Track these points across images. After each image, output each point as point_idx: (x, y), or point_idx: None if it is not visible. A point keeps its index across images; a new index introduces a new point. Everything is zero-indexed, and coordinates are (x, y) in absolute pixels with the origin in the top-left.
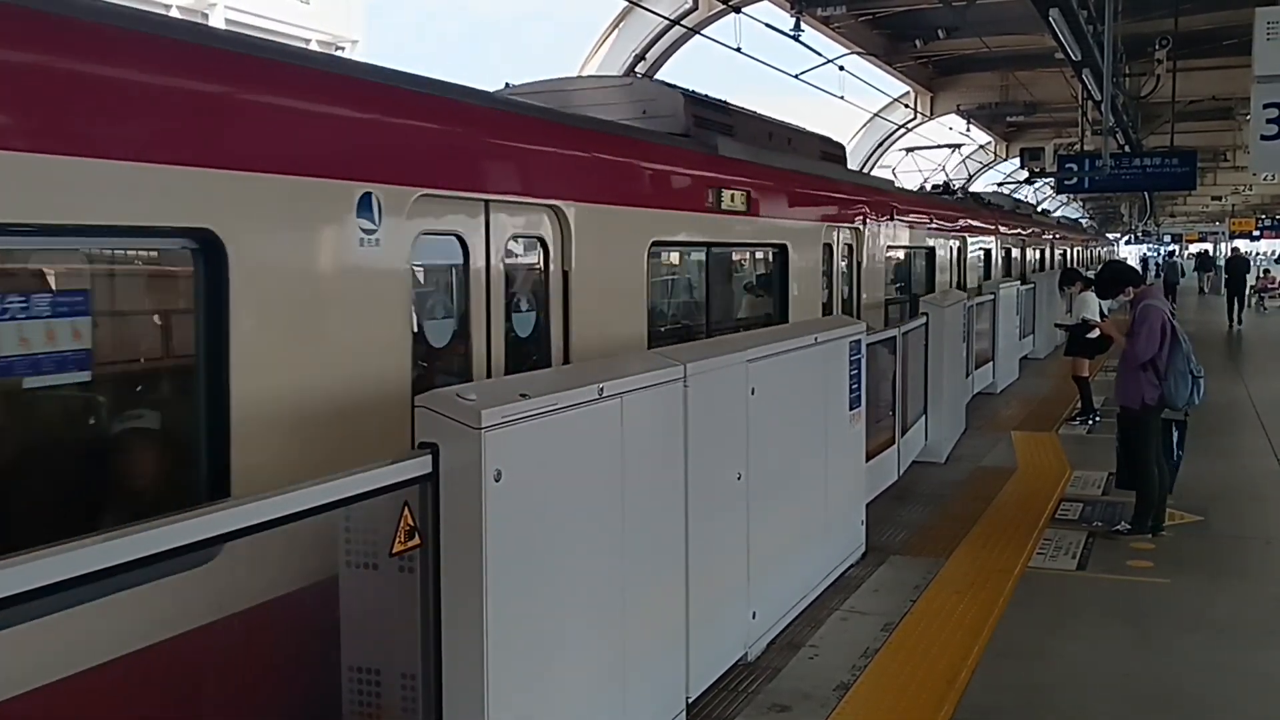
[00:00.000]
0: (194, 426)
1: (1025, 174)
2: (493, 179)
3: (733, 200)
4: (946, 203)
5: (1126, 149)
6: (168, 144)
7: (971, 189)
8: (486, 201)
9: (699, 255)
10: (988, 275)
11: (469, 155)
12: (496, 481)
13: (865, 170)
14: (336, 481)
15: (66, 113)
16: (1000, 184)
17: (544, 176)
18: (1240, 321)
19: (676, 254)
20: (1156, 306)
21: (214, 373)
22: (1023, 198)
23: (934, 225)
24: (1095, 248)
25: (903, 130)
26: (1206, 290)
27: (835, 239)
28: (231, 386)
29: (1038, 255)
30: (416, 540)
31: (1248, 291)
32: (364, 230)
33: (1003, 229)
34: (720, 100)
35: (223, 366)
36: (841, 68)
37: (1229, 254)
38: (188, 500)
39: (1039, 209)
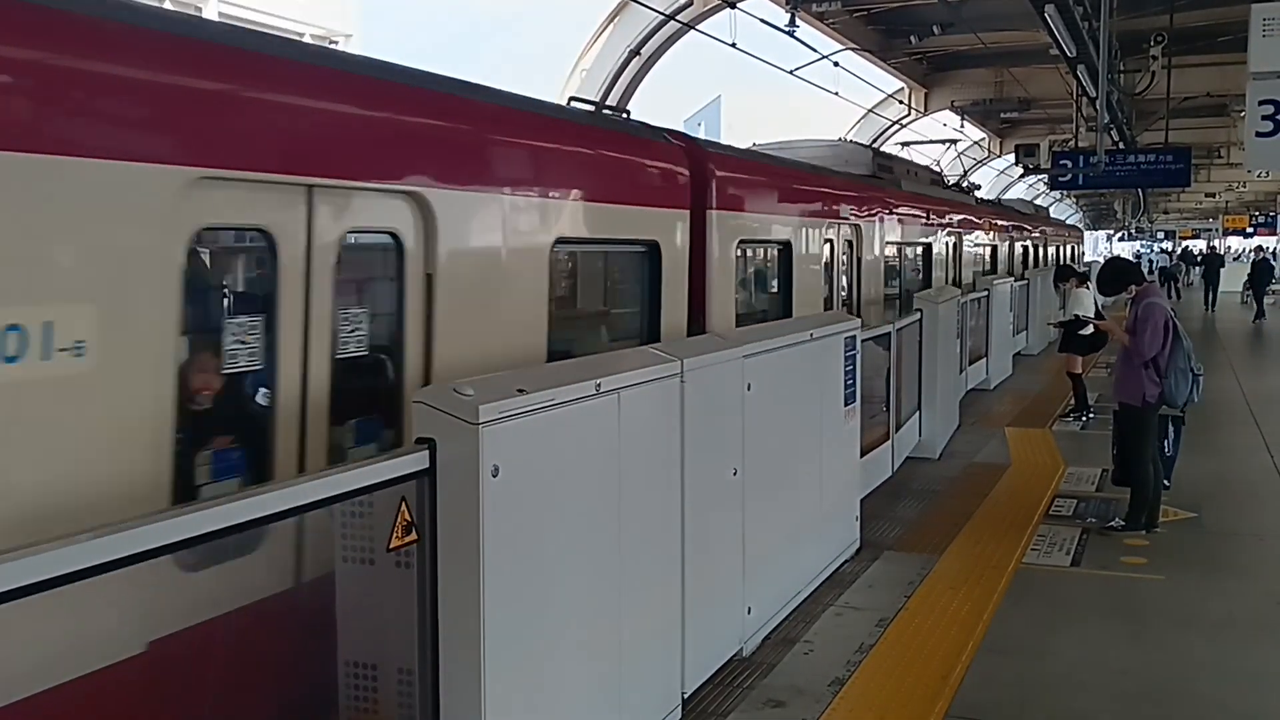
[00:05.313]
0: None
1: (1019, 170)
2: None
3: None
4: (998, 209)
5: (1121, 145)
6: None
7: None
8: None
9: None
10: (1025, 263)
11: None
12: (494, 477)
13: None
14: (333, 476)
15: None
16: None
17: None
18: (1213, 309)
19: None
20: (1159, 304)
21: None
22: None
23: (991, 224)
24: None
25: (897, 126)
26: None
27: (948, 236)
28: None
29: (1053, 251)
30: (413, 535)
31: (1220, 284)
32: None
33: (1028, 229)
34: (889, 154)
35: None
36: (836, 64)
37: (1207, 250)
38: None
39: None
